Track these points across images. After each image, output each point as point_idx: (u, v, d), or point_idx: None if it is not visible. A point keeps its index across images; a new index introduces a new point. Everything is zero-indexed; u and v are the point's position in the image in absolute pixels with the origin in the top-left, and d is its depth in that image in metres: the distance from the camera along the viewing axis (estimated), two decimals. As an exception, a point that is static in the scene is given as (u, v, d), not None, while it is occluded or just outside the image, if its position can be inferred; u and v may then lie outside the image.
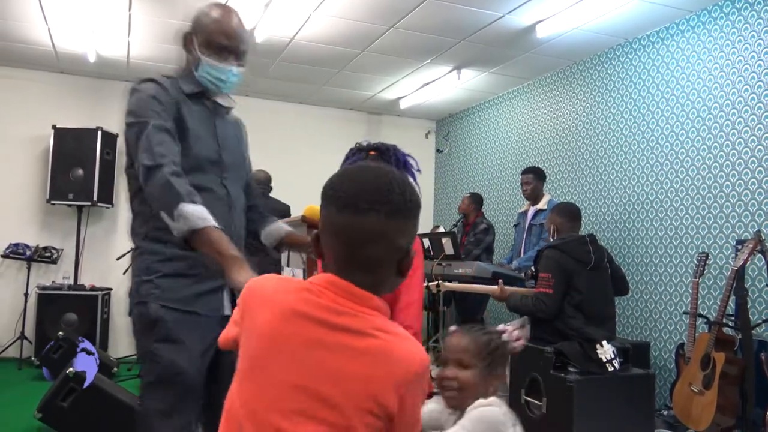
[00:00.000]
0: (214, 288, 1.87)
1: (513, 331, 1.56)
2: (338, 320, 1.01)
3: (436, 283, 4.02)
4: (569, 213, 3.81)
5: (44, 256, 5.72)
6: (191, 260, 1.79)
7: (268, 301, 1.06)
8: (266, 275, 1.14)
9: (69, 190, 5.61)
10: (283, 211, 5.00)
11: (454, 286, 4.18)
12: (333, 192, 1.06)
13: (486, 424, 1.44)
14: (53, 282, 5.77)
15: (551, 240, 3.74)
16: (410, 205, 1.05)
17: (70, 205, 5.78)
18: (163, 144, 1.73)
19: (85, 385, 3.33)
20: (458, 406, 1.55)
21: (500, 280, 3.81)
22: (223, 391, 1.09)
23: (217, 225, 1.64)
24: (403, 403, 0.99)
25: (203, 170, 1.86)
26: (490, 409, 1.47)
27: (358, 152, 2.03)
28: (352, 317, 1.01)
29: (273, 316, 1.03)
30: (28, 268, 5.63)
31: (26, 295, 5.56)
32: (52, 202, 5.65)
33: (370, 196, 1.02)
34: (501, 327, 1.58)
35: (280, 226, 2.13)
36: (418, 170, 2.06)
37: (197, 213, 1.63)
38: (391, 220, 1.02)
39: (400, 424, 1.00)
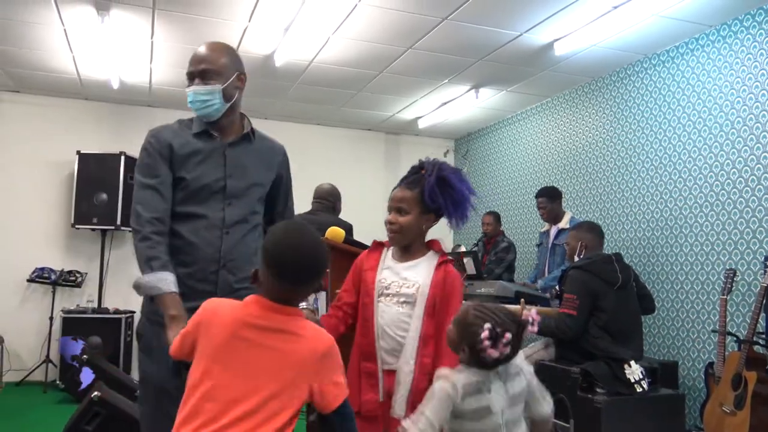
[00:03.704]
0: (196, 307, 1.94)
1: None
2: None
3: None
4: (597, 230, 3.80)
5: (69, 280, 5.79)
6: (178, 279, 1.93)
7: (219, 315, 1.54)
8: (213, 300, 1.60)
9: (93, 214, 5.69)
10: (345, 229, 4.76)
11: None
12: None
13: (435, 399, 1.62)
14: (77, 305, 5.83)
15: (575, 259, 3.70)
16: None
17: (94, 229, 5.86)
18: (142, 203, 1.96)
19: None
20: None
21: (522, 300, 3.77)
22: None
23: (170, 290, 1.85)
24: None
25: (200, 199, 2.02)
26: (438, 384, 1.65)
27: (408, 174, 2.15)
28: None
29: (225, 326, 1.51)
30: (53, 292, 5.71)
31: (51, 318, 5.63)
32: (77, 226, 5.73)
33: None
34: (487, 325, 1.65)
35: None
36: (469, 188, 2.10)
37: (150, 284, 1.86)
38: None
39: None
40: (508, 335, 1.63)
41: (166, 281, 1.85)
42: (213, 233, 2.00)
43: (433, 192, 2.02)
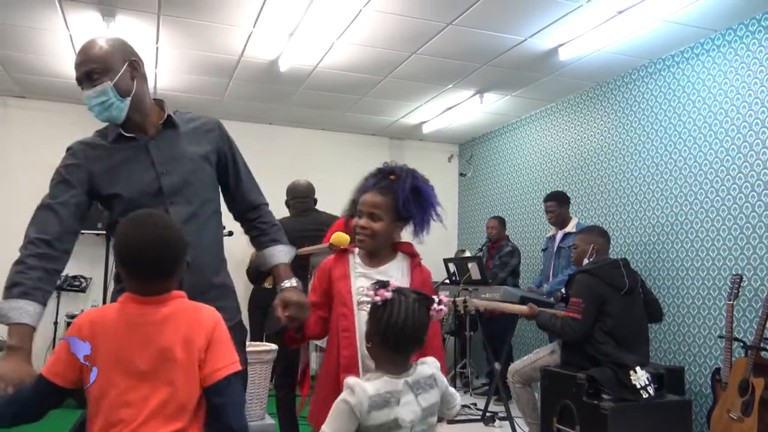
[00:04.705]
0: None
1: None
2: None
3: (463, 298, 3.95)
4: (606, 235, 3.79)
5: (74, 284, 5.80)
6: None
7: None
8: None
9: (98, 219, 5.68)
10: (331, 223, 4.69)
11: (483, 303, 4.09)
12: None
13: (338, 419, 1.58)
14: (82, 310, 5.83)
15: (585, 261, 3.68)
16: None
17: (98, 234, 5.86)
18: (35, 224, 1.86)
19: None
20: None
21: (530, 304, 3.76)
22: None
23: (19, 320, 1.66)
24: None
25: (140, 206, 1.77)
26: (341, 399, 1.60)
27: (377, 176, 2.06)
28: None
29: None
30: (58, 297, 5.71)
31: (56, 323, 5.63)
32: (81, 231, 5.69)
33: None
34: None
35: (270, 255, 2.04)
36: (437, 203, 2.06)
37: (1, 311, 1.68)
38: None
39: None
40: (393, 283, 1.74)
41: (19, 310, 1.67)
42: None
43: (408, 201, 1.99)
